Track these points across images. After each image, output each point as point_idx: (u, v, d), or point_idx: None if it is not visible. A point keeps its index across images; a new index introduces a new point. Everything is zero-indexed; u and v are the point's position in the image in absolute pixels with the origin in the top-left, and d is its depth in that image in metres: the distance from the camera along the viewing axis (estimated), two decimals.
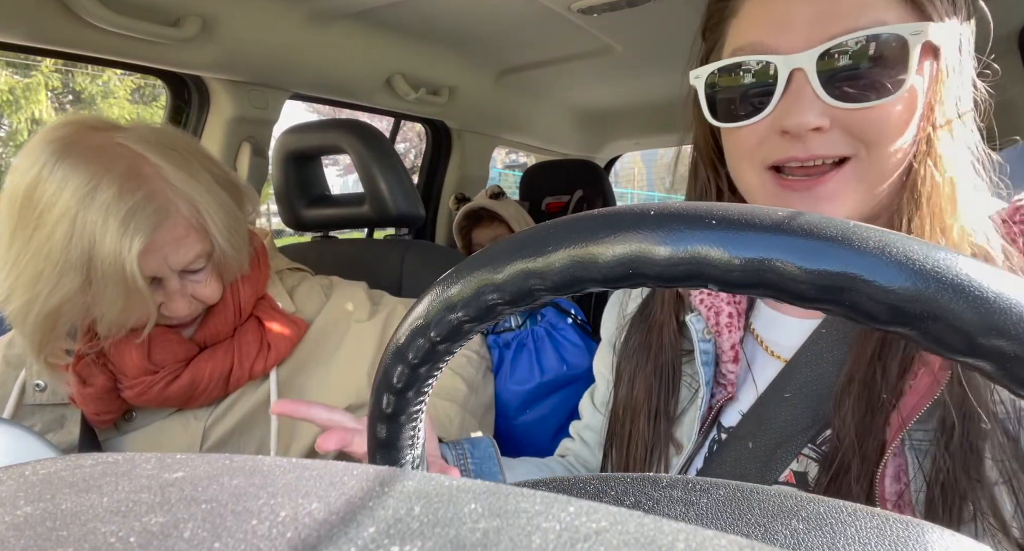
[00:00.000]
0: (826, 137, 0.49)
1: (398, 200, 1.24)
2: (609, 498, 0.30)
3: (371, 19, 1.35)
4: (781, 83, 0.49)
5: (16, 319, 0.72)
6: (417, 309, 0.29)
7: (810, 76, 0.47)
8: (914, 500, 0.47)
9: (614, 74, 1.89)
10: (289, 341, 0.87)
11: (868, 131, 0.48)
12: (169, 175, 0.74)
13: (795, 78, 0.48)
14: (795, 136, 0.49)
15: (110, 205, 0.67)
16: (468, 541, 0.13)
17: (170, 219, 0.73)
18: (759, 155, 0.52)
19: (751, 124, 0.51)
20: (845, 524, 0.24)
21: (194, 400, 0.82)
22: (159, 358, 0.80)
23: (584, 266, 0.24)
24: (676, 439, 0.59)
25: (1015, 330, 0.19)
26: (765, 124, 0.51)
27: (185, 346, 0.82)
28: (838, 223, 0.22)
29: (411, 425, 0.35)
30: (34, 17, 0.98)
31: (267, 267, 0.92)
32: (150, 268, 0.73)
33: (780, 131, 0.50)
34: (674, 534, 0.13)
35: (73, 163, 0.68)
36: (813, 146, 0.49)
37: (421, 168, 2.25)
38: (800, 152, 0.49)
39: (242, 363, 0.84)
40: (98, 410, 0.81)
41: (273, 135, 1.46)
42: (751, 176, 0.54)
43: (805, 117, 0.47)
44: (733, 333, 0.58)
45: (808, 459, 0.53)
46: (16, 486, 0.17)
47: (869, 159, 0.49)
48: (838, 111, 0.48)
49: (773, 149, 0.51)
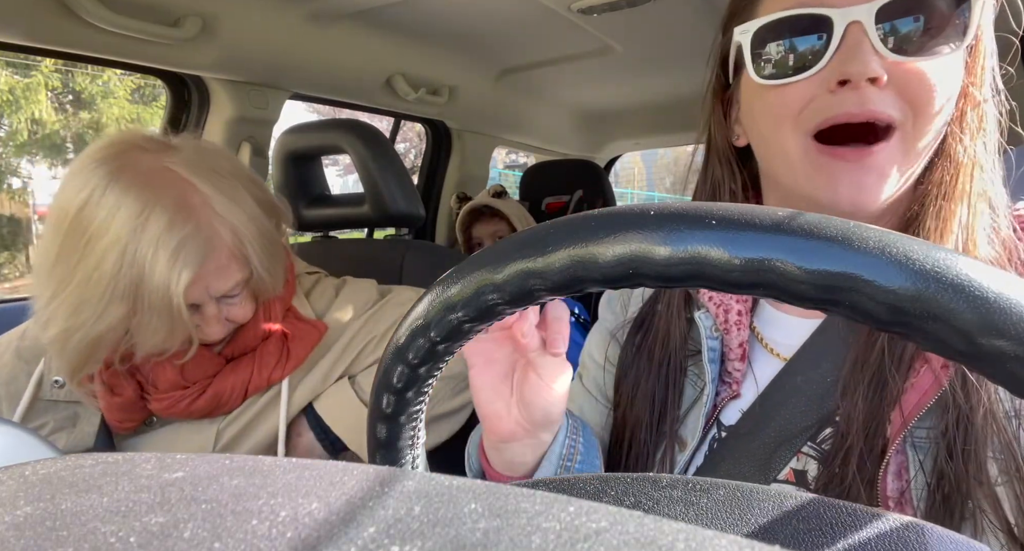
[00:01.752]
0: (882, 94, 0.47)
1: (398, 200, 1.24)
2: (609, 498, 0.30)
3: (371, 19, 1.35)
4: (836, 36, 0.47)
5: (55, 344, 0.71)
6: (417, 309, 0.29)
7: (868, 29, 0.46)
8: (915, 498, 0.47)
9: (614, 74, 1.89)
10: (308, 346, 0.88)
11: (919, 93, 0.47)
12: (216, 204, 0.74)
13: (851, 32, 0.47)
14: (853, 87, 0.47)
15: (160, 237, 0.67)
16: (468, 541, 0.13)
17: (216, 251, 0.73)
18: (805, 117, 0.50)
19: (803, 79, 0.49)
20: (845, 524, 0.24)
21: (217, 411, 0.84)
22: (192, 374, 0.81)
23: (584, 266, 0.24)
24: (681, 437, 0.59)
25: (1015, 330, 0.19)
26: (817, 80, 0.49)
27: (215, 362, 0.84)
28: (838, 223, 0.22)
29: (411, 425, 0.35)
30: (34, 17, 0.98)
31: (294, 280, 0.92)
32: (192, 297, 0.73)
33: (836, 83, 0.48)
34: (674, 534, 0.13)
35: (124, 189, 0.67)
36: (870, 99, 0.47)
37: (421, 168, 2.25)
38: (855, 106, 0.47)
39: (261, 372, 0.84)
40: (122, 418, 0.82)
41: (273, 135, 1.46)
42: (792, 144, 0.51)
43: (867, 65, 0.46)
44: (742, 331, 0.58)
45: (808, 457, 0.53)
46: (16, 486, 0.17)
47: (914, 129, 0.48)
48: (895, 67, 0.47)
49: (823, 107, 0.49)
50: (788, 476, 0.53)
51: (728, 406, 0.58)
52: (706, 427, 0.57)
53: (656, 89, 2.06)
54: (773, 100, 0.52)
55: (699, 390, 0.59)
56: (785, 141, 0.52)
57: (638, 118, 2.50)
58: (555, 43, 1.58)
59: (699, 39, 1.62)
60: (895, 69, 0.47)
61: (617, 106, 2.38)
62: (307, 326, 0.89)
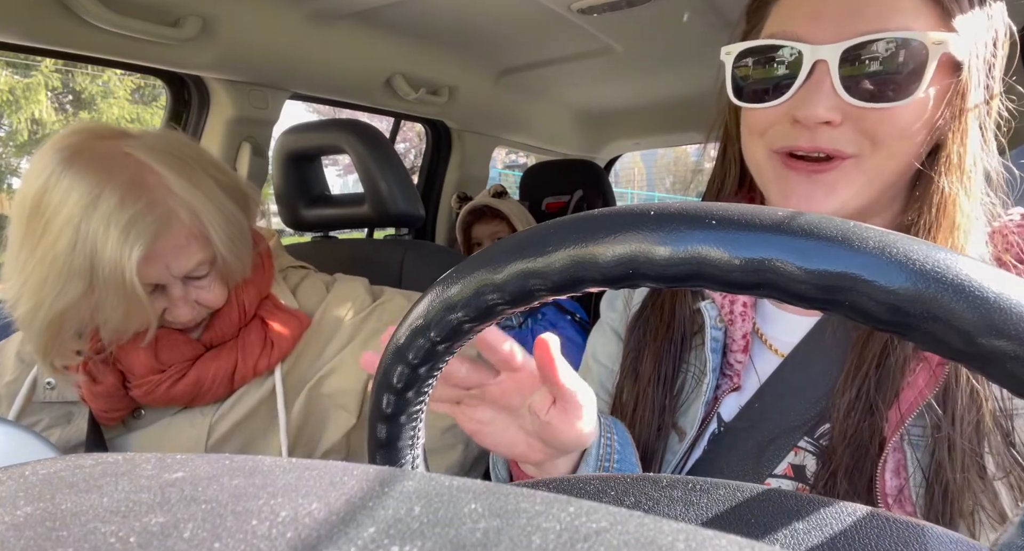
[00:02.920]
0: (835, 132, 0.50)
1: (398, 200, 1.24)
2: (609, 498, 0.30)
3: (371, 19, 1.35)
4: (804, 72, 0.50)
5: (23, 323, 0.73)
6: (417, 309, 0.29)
7: (832, 69, 0.49)
8: (914, 495, 0.47)
9: (614, 74, 1.89)
10: (292, 337, 0.88)
11: (878, 131, 0.49)
12: (172, 184, 0.75)
13: (817, 69, 0.50)
14: (805, 126, 0.51)
15: (112, 214, 0.68)
16: (468, 541, 0.13)
17: (172, 228, 0.74)
18: (768, 138, 0.54)
19: (768, 107, 0.53)
20: (845, 524, 0.24)
21: (200, 398, 0.83)
22: (166, 358, 0.82)
23: (584, 266, 0.24)
24: (680, 426, 0.59)
25: (1015, 330, 0.19)
26: (780, 110, 0.52)
27: (192, 346, 0.84)
28: (838, 223, 0.22)
29: (411, 425, 0.35)
30: (34, 17, 0.99)
31: (271, 268, 0.93)
32: (151, 276, 0.74)
33: (792, 119, 0.51)
34: (674, 534, 0.13)
35: (79, 171, 0.69)
36: (820, 139, 0.50)
37: (421, 168, 2.25)
38: (805, 142, 0.51)
39: (246, 361, 0.85)
40: (107, 408, 0.82)
41: (273, 135, 1.46)
42: (760, 154, 0.56)
43: (818, 109, 0.49)
44: (746, 322, 0.59)
45: (806, 452, 0.53)
46: (16, 486, 0.17)
47: (873, 158, 0.50)
48: (851, 108, 0.49)
49: (780, 135, 0.53)
50: (786, 471, 0.54)
51: (728, 399, 0.58)
52: (705, 418, 0.58)
53: (656, 89, 2.06)
54: (746, 116, 0.57)
55: (700, 381, 0.60)
56: (754, 150, 0.56)
57: (638, 118, 2.50)
58: (555, 43, 1.58)
59: (699, 39, 1.62)
60: (852, 110, 0.49)
61: (617, 106, 2.38)
62: (287, 316, 0.89)
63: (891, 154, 0.50)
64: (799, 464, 0.53)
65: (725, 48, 0.56)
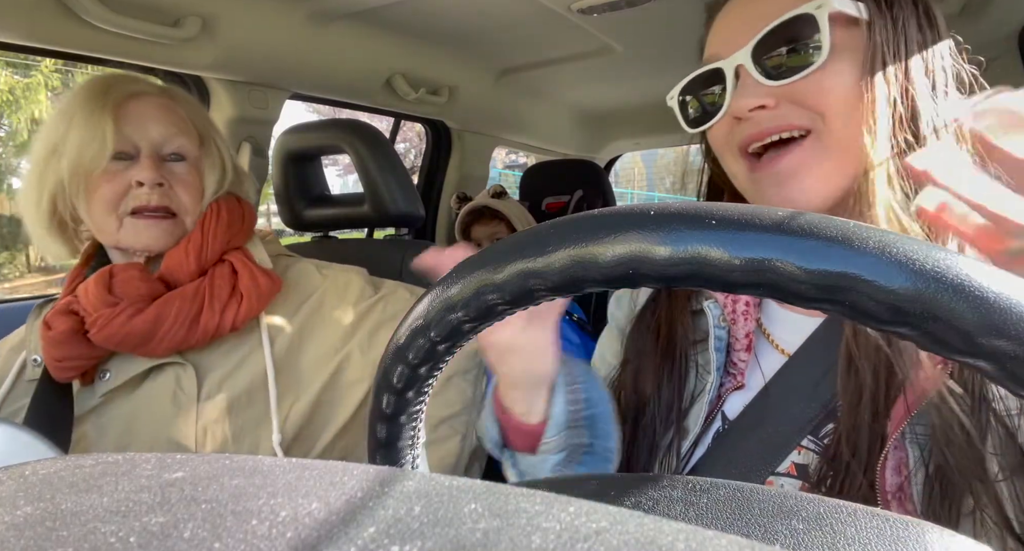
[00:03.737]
0: (775, 113, 0.54)
1: (398, 200, 1.24)
2: (609, 498, 0.30)
3: (371, 19, 1.35)
4: (730, 80, 0.56)
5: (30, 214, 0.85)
6: (417, 309, 0.29)
7: (748, 68, 0.55)
8: (914, 493, 0.47)
9: (614, 74, 1.89)
10: (263, 295, 0.85)
11: (816, 101, 0.53)
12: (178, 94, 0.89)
13: (741, 73, 0.56)
14: (745, 119, 0.56)
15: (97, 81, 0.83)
16: (468, 541, 0.13)
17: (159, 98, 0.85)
18: (731, 145, 0.59)
19: (717, 121, 0.59)
20: (845, 524, 0.24)
21: (159, 340, 0.80)
22: (120, 291, 0.80)
23: (584, 266, 0.24)
24: (684, 425, 0.59)
25: (1015, 330, 0.19)
26: (727, 119, 0.58)
27: (149, 283, 0.82)
28: (838, 223, 0.22)
29: (411, 425, 0.35)
30: (34, 17, 0.98)
31: (250, 225, 0.93)
32: (127, 132, 0.81)
33: (734, 119, 0.57)
34: (674, 534, 0.13)
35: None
36: (763, 122, 0.55)
37: (421, 168, 2.25)
38: (754, 129, 0.55)
39: (212, 305, 0.82)
40: (60, 356, 0.79)
41: (273, 135, 1.46)
42: (734, 165, 0.59)
43: (743, 99, 0.55)
44: (748, 322, 0.59)
45: (809, 451, 0.53)
46: (16, 486, 0.17)
47: (827, 130, 0.53)
48: (780, 89, 0.54)
49: (737, 134, 0.57)
50: (790, 469, 0.54)
51: (731, 398, 0.59)
52: (709, 416, 0.58)
53: (656, 89, 2.04)
54: (709, 137, 0.62)
55: (704, 380, 0.60)
56: (730, 164, 0.60)
57: (638, 118, 2.49)
58: (555, 43, 1.58)
59: (699, 39, 1.62)
60: (781, 91, 0.54)
61: (617, 106, 2.38)
62: (259, 270, 0.87)
63: (843, 123, 0.52)
64: (802, 463, 0.53)
65: (668, 95, 0.64)
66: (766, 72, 0.54)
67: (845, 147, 0.52)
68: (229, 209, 0.89)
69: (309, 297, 0.92)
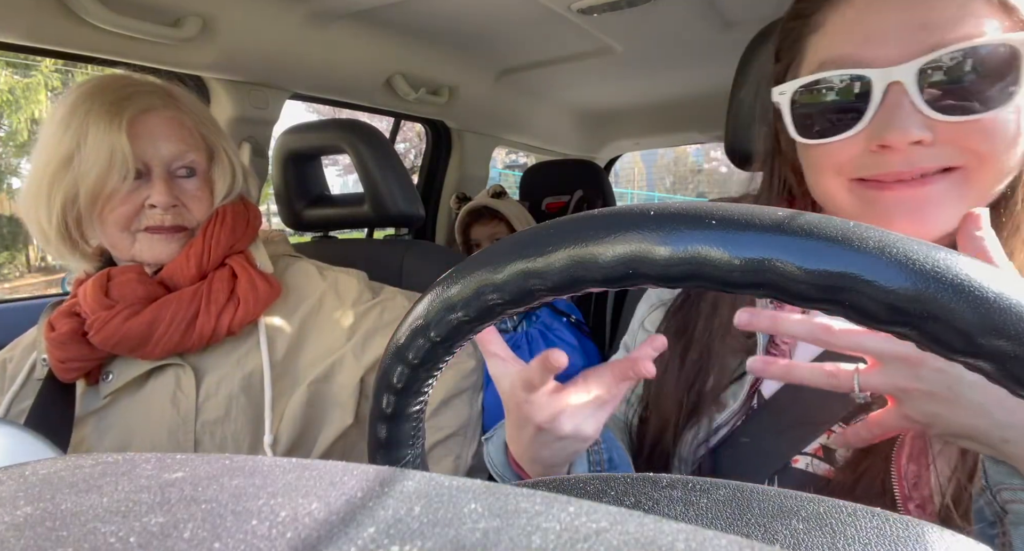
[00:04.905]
0: (931, 150, 0.46)
1: (398, 200, 1.24)
2: (609, 498, 0.30)
3: (371, 19, 1.35)
4: (876, 97, 0.47)
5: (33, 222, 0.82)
6: (417, 309, 0.29)
7: (909, 89, 0.45)
8: (933, 482, 0.47)
9: (614, 74, 1.89)
10: (261, 300, 0.85)
11: (978, 144, 0.46)
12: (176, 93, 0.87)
13: (891, 91, 0.46)
14: (896, 150, 0.47)
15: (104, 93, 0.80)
16: (468, 541, 0.13)
17: (167, 111, 0.83)
18: (848, 169, 0.50)
19: (843, 139, 0.49)
20: (845, 524, 0.24)
21: (155, 343, 0.80)
22: (117, 293, 0.81)
23: (584, 266, 0.24)
24: (721, 400, 0.60)
25: (1015, 330, 0.19)
26: (859, 139, 0.49)
27: (146, 285, 0.82)
28: (838, 223, 0.22)
29: (411, 425, 0.35)
30: (34, 17, 0.98)
31: (254, 228, 0.93)
32: (138, 146, 0.79)
33: (877, 146, 0.47)
34: (674, 534, 0.13)
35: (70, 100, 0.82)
36: (917, 159, 0.46)
37: (421, 168, 2.25)
38: (903, 166, 0.47)
39: (209, 309, 0.82)
40: (63, 357, 0.80)
41: (273, 135, 1.46)
42: (837, 190, 0.52)
43: (908, 129, 0.45)
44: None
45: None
46: (16, 486, 0.17)
47: (981, 172, 0.47)
48: (941, 125, 0.46)
49: (869, 163, 0.49)
50: (816, 450, 0.54)
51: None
52: (750, 392, 0.59)
53: (656, 89, 2.06)
54: (813, 152, 0.52)
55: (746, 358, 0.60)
56: (829, 186, 0.52)
57: (638, 118, 2.50)
58: (555, 43, 1.58)
59: (699, 39, 1.62)
60: (943, 126, 0.45)
61: (617, 106, 2.38)
62: (259, 275, 0.88)
63: (1000, 170, 0.46)
64: (831, 447, 0.54)
65: (777, 88, 0.53)
66: (933, 101, 0.45)
67: (993, 182, 0.47)
68: (234, 214, 0.89)
69: (309, 298, 0.92)
